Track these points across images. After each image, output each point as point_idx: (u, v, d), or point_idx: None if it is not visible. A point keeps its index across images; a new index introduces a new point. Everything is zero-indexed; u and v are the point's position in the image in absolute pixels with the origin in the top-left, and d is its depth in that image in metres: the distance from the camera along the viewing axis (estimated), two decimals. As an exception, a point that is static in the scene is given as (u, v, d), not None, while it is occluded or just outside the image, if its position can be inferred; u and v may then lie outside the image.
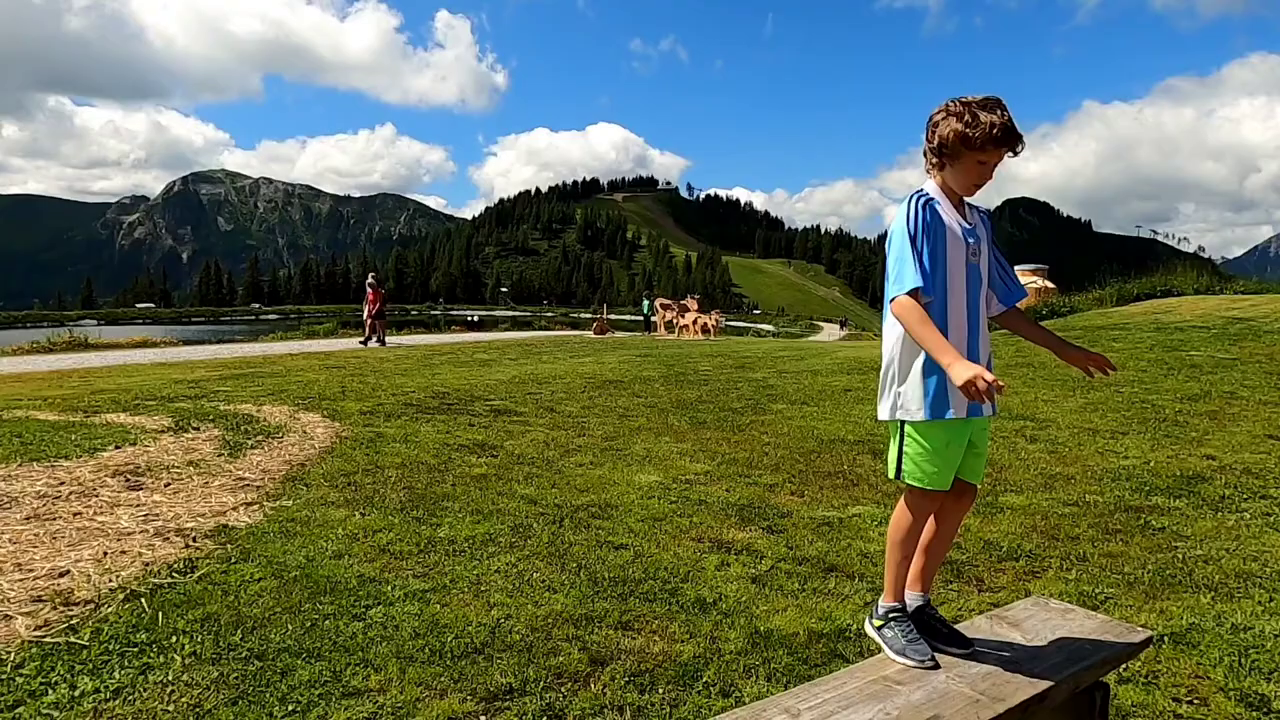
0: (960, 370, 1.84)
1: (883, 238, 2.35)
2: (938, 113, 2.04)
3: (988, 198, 2.18)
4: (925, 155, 2.08)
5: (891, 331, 2.09)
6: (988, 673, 1.94)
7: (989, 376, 1.81)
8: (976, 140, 1.94)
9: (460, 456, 5.59)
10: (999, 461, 5.48)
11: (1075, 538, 3.96)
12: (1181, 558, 3.67)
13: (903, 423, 2.07)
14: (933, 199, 2.03)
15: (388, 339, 19.22)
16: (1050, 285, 19.52)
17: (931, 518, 2.17)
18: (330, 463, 5.29)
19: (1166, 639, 2.87)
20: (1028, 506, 4.46)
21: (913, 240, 1.97)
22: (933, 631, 2.11)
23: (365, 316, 19.14)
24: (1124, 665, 2.62)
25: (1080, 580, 3.42)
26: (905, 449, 2.07)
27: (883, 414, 2.12)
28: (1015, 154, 1.99)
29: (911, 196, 2.04)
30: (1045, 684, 1.89)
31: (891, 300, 2.00)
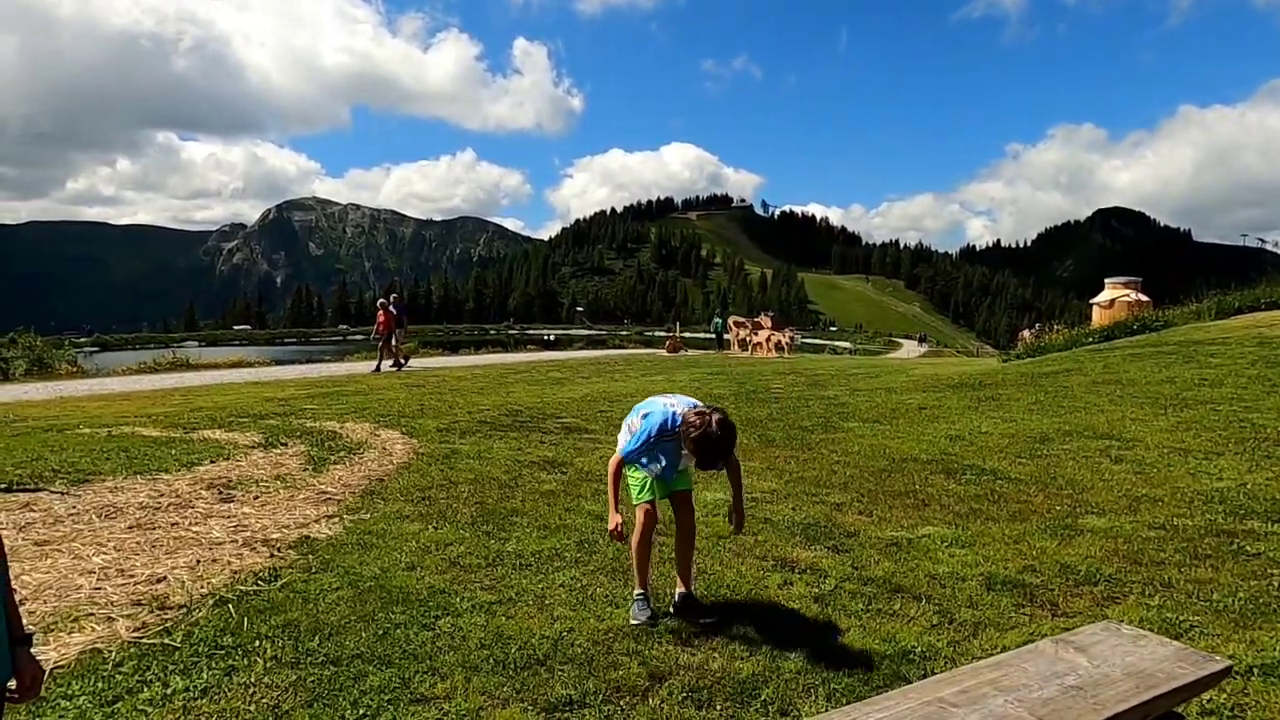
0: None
1: (964, 251, 2.48)
2: None
3: (1076, 208, 2.17)
4: None
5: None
6: (1048, 699, 1.89)
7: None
8: None
9: (530, 473, 5.71)
10: (1079, 482, 5.28)
11: (1160, 563, 3.78)
12: (1276, 585, 3.46)
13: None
14: None
15: (385, 365, 16.07)
16: (1144, 298, 18.60)
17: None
18: (407, 478, 5.48)
19: (1255, 670, 2.71)
20: (1109, 529, 4.28)
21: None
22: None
23: (375, 339, 16.82)
24: (1206, 697, 2.50)
25: (1164, 607, 3.27)
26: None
27: None
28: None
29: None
30: (1109, 712, 1.84)
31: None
